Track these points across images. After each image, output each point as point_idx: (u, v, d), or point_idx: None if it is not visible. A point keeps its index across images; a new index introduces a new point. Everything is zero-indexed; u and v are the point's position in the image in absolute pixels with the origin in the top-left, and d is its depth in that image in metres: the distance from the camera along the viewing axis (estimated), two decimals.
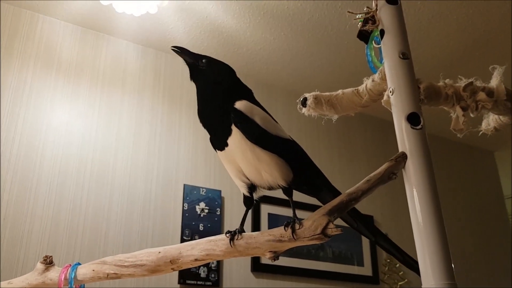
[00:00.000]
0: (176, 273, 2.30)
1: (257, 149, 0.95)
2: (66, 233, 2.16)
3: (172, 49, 1.14)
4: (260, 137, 0.96)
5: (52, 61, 2.41)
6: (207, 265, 2.38)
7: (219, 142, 0.99)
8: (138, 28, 2.56)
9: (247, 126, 0.96)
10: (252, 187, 1.01)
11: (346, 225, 1.10)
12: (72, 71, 2.45)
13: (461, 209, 3.61)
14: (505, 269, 3.60)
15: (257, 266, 2.55)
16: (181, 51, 1.14)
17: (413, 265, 1.01)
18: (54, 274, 0.97)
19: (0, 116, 2.19)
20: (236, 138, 0.95)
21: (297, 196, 1.06)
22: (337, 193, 1.00)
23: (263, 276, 2.56)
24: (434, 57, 2.82)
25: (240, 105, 0.99)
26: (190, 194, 2.50)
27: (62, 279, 0.94)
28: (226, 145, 0.97)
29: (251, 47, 2.72)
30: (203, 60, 1.11)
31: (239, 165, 0.97)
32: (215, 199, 2.56)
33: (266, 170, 0.95)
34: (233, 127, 0.96)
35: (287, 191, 0.98)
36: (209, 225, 2.49)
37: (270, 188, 0.99)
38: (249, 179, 0.98)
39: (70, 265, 0.96)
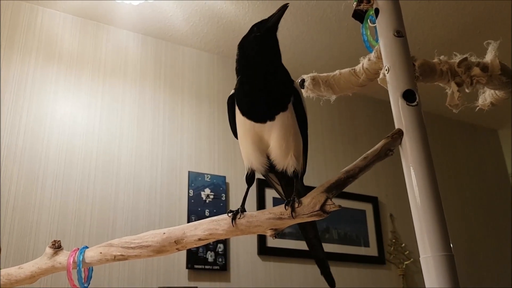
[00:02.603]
0: (184, 258, 2.34)
1: (298, 133, 0.97)
2: (74, 223, 2.19)
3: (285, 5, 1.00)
4: (305, 121, 1.00)
5: (53, 53, 2.43)
6: (214, 250, 2.42)
7: (262, 114, 0.95)
8: (137, 17, 2.56)
9: (302, 108, 0.99)
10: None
11: (345, 205, 1.11)
12: (73, 62, 2.47)
13: (465, 187, 3.63)
14: (509, 245, 3.62)
15: (264, 249, 2.58)
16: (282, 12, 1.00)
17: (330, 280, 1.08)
18: (63, 257, 1.00)
19: (0, 109, 2.22)
20: (288, 116, 0.95)
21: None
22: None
23: (269, 259, 2.60)
24: (435, 35, 2.81)
25: (297, 86, 1.01)
26: (195, 180, 2.53)
27: (71, 262, 0.97)
28: (272, 119, 0.94)
29: None
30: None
31: (270, 141, 0.96)
32: (220, 185, 2.59)
33: (295, 154, 0.97)
34: (290, 105, 0.96)
35: (297, 176, 0.98)
36: (214, 211, 2.52)
37: (283, 171, 0.99)
38: (269, 157, 0.98)
39: (78, 248, 0.99)
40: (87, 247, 1.01)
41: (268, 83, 0.96)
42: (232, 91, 1.01)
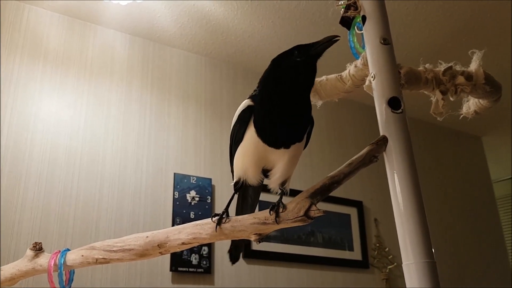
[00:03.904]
0: (168, 261, 2.33)
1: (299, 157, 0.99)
2: (56, 223, 2.17)
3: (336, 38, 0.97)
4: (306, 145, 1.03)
5: (39, 51, 2.40)
6: (198, 252, 2.41)
7: (280, 142, 0.94)
8: (125, 17, 2.55)
9: (310, 135, 1.01)
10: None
11: (330, 209, 1.12)
12: (59, 61, 2.44)
13: (449, 193, 3.66)
14: (492, 251, 3.67)
15: (249, 253, 2.58)
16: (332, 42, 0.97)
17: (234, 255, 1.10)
18: (44, 260, 0.99)
19: None
20: (301, 144, 0.97)
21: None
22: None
23: (254, 262, 2.60)
24: (421, 42, 2.84)
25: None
26: (181, 182, 2.52)
27: (52, 265, 0.96)
28: (287, 147, 0.94)
29: (239, 35, 2.72)
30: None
31: (276, 164, 0.96)
32: (205, 187, 2.58)
33: (290, 177, 0.99)
34: (305, 136, 0.98)
35: (284, 191, 1.00)
36: (200, 213, 2.51)
37: (274, 187, 1.01)
38: (268, 176, 0.99)
39: (60, 251, 0.98)
40: (68, 250, 0.99)
41: (297, 115, 0.95)
42: (248, 101, 0.98)
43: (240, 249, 1.11)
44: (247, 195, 1.06)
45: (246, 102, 0.98)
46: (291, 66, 0.94)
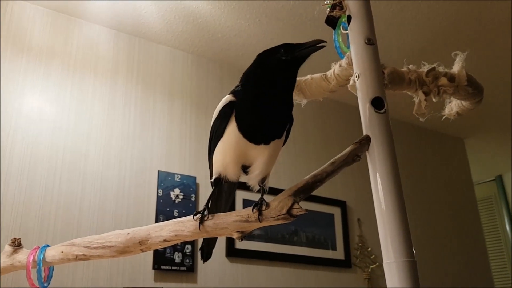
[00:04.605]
0: (150, 259, 2.32)
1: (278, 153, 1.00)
2: (37, 220, 2.14)
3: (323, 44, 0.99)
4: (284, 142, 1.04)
5: (22, 45, 2.37)
6: (181, 250, 2.40)
7: (260, 138, 0.95)
8: (111, 12, 2.52)
9: (289, 133, 1.02)
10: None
11: (313, 209, 1.12)
12: (43, 56, 2.41)
13: (431, 194, 3.71)
14: (473, 252, 3.72)
15: (232, 251, 2.57)
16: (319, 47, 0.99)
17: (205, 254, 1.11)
18: (23, 256, 0.97)
19: None
20: (280, 141, 0.98)
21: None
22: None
23: (237, 261, 2.59)
24: (405, 43, 2.86)
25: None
26: (165, 180, 2.51)
27: (31, 261, 0.95)
28: (267, 143, 0.95)
29: (226, 33, 2.71)
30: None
31: (255, 161, 0.97)
32: (190, 185, 2.57)
33: (270, 172, 1.00)
34: (284, 133, 0.99)
35: (264, 189, 1.00)
36: (184, 211, 2.49)
37: (253, 184, 1.02)
38: (247, 172, 1.00)
39: (39, 247, 0.96)
40: (48, 246, 0.98)
41: (279, 111, 0.96)
42: (229, 97, 0.98)
43: (212, 247, 1.12)
44: (222, 191, 1.06)
45: (227, 98, 0.98)
46: (276, 64, 0.95)
